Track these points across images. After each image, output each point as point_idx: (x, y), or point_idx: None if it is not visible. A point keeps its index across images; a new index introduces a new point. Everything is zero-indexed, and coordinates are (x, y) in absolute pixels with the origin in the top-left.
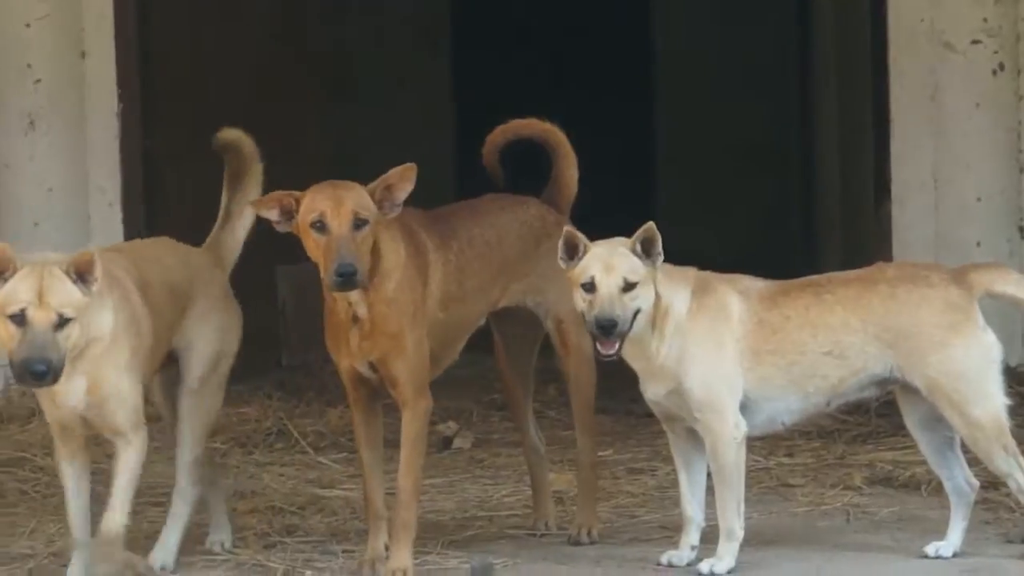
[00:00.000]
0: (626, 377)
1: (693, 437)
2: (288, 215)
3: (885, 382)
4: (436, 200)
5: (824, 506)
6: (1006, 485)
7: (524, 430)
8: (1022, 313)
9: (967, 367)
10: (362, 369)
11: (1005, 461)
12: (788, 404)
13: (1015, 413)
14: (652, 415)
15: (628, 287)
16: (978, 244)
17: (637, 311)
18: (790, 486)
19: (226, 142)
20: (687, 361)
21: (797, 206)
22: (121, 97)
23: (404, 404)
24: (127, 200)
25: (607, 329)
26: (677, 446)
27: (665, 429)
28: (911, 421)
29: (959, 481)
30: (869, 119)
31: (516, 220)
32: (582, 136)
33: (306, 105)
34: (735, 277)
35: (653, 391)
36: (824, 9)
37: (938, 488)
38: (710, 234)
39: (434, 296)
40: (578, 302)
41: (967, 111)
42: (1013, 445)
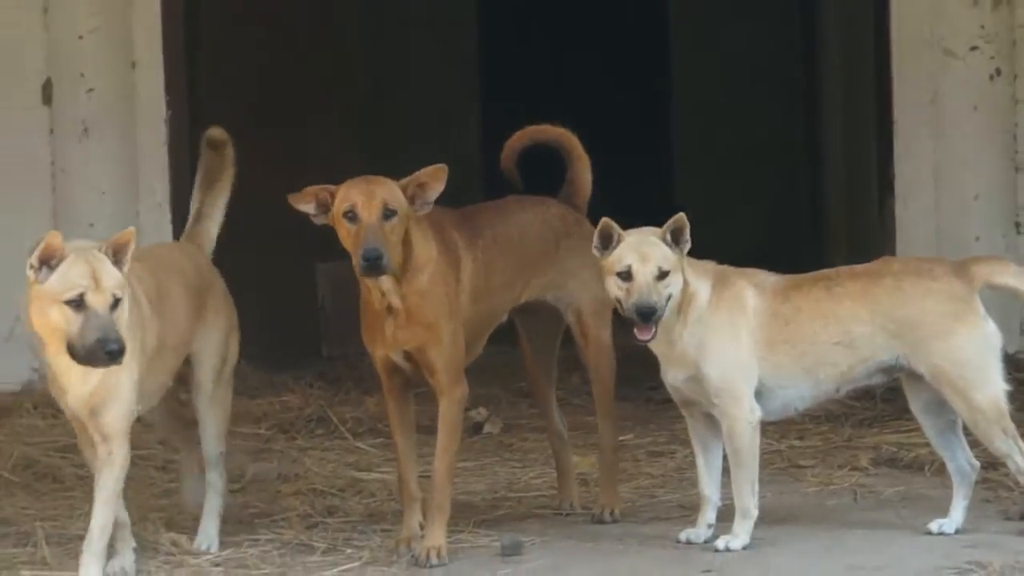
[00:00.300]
0: (646, 366)
1: (710, 421)
2: (324, 208)
3: (891, 369)
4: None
5: (832, 486)
6: (1005, 466)
7: (548, 417)
8: (1020, 303)
9: (969, 355)
10: (396, 359)
11: (1004, 443)
12: (800, 391)
13: (1014, 398)
14: (670, 401)
15: (662, 275)
16: (977, 239)
17: (669, 297)
18: (800, 467)
19: (215, 141)
20: (706, 349)
21: (805, 203)
22: (169, 104)
23: (441, 392)
24: (176, 202)
25: (646, 315)
26: (694, 430)
27: (683, 414)
28: (915, 406)
29: (961, 462)
30: (873, 121)
31: (538, 219)
32: (601, 135)
33: (342, 106)
34: (750, 271)
35: (673, 376)
36: (830, 18)
37: (941, 468)
38: (723, 229)
39: (465, 290)
40: (613, 290)
41: (966, 114)
42: (1012, 428)
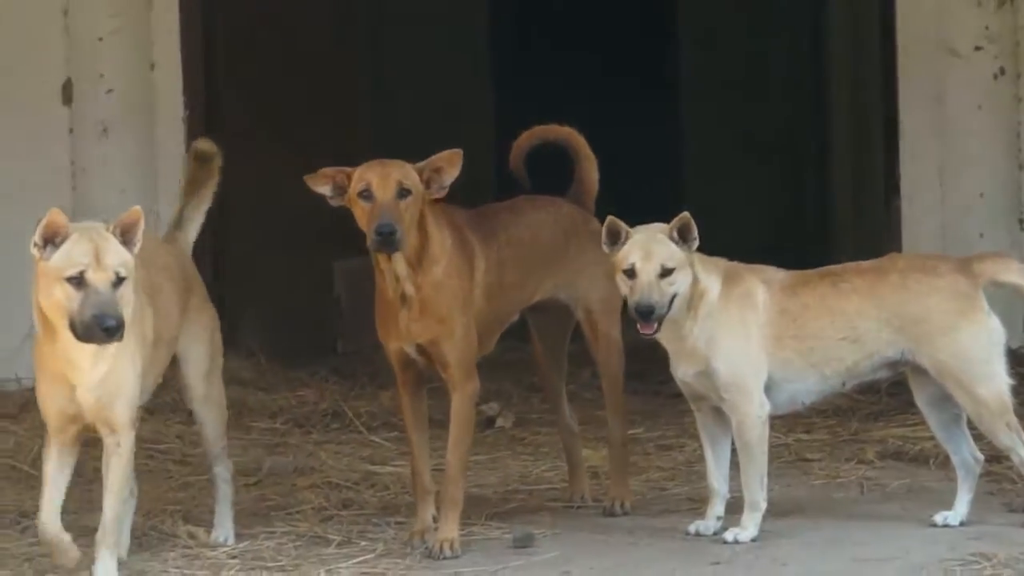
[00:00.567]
0: (655, 361)
1: (718, 415)
2: (340, 190)
3: (897, 364)
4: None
5: (839, 479)
6: (1009, 459)
7: (559, 411)
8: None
9: (973, 350)
10: (410, 351)
11: (1008, 436)
12: (807, 385)
13: (1017, 392)
14: (679, 395)
15: (666, 273)
16: (981, 236)
17: (674, 296)
18: (808, 460)
19: (201, 152)
20: (716, 345)
21: (813, 201)
22: (187, 104)
23: (453, 387)
24: None
25: (645, 315)
26: (703, 424)
27: (692, 408)
28: (921, 400)
29: (965, 455)
30: (879, 120)
31: (550, 220)
32: (615, 135)
33: (356, 106)
34: (759, 267)
35: (683, 371)
36: (837, 19)
37: (945, 462)
38: (733, 226)
39: (479, 288)
40: (621, 286)
41: (970, 113)
42: (1015, 422)
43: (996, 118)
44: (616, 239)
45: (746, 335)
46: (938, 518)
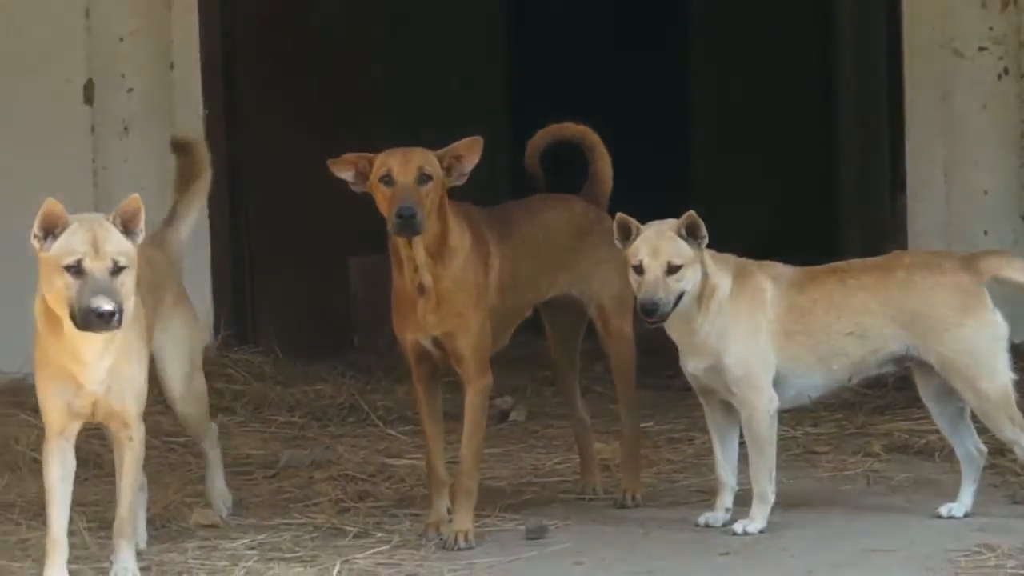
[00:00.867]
0: (666, 355)
1: (727, 409)
2: (362, 176)
3: (902, 359)
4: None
5: (846, 471)
6: (1012, 452)
7: (572, 405)
8: None
9: (977, 345)
10: (426, 343)
11: (1011, 430)
12: (815, 380)
13: (1020, 387)
14: (689, 389)
15: (673, 269)
16: (985, 233)
17: (682, 292)
18: (815, 453)
19: (180, 143)
20: (727, 340)
21: (821, 198)
22: (206, 103)
23: (468, 380)
24: (213, 197)
25: (649, 312)
26: (712, 417)
27: (701, 402)
28: (925, 394)
29: (969, 448)
30: (885, 119)
31: (563, 218)
32: (627, 136)
33: (373, 104)
34: (768, 264)
35: (693, 365)
36: (844, 19)
37: (950, 455)
38: (743, 223)
39: (492, 285)
40: (632, 282)
41: (975, 112)
42: (1019, 416)
43: (1000, 117)
44: (627, 235)
45: (756, 331)
46: (943, 510)
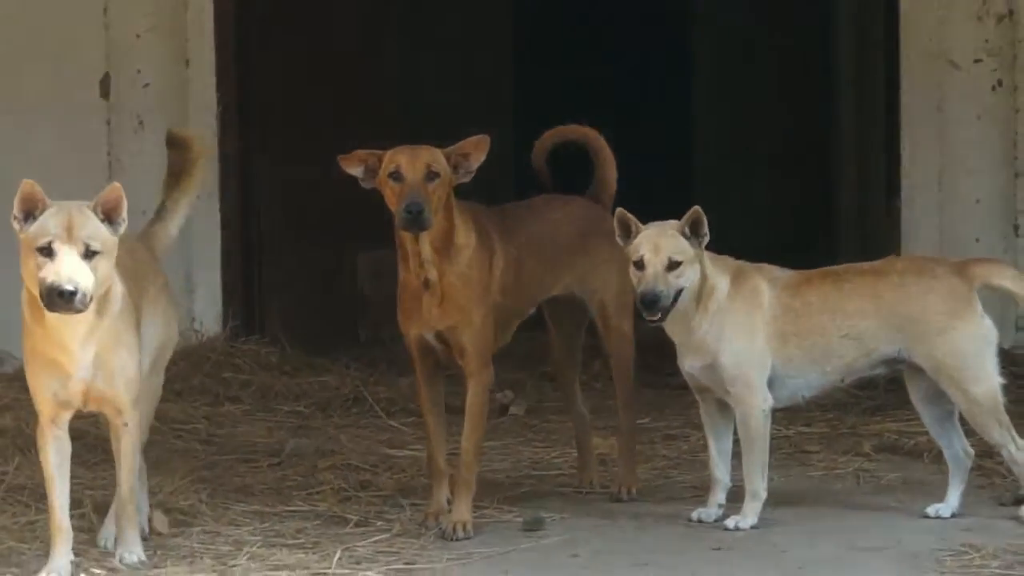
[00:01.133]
0: (663, 354)
1: (721, 407)
2: (371, 172)
3: (894, 362)
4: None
5: (837, 471)
6: (999, 454)
7: (571, 400)
8: (1015, 303)
9: (967, 349)
10: (429, 338)
11: (999, 433)
12: (808, 380)
13: (1008, 391)
14: (685, 388)
15: (673, 266)
16: (977, 240)
17: (681, 289)
18: (807, 452)
19: (177, 138)
20: (724, 340)
21: (818, 204)
22: (220, 100)
23: (470, 375)
24: (224, 190)
25: (649, 304)
26: (707, 415)
27: (697, 400)
28: (916, 396)
29: (957, 450)
30: (882, 128)
31: (567, 219)
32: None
33: (383, 105)
34: (765, 267)
35: (690, 364)
36: (843, 31)
37: (938, 456)
38: (741, 228)
39: (496, 284)
40: (632, 277)
41: (969, 122)
42: (1006, 419)
43: (994, 128)
44: (628, 232)
45: (752, 331)
46: (930, 510)
